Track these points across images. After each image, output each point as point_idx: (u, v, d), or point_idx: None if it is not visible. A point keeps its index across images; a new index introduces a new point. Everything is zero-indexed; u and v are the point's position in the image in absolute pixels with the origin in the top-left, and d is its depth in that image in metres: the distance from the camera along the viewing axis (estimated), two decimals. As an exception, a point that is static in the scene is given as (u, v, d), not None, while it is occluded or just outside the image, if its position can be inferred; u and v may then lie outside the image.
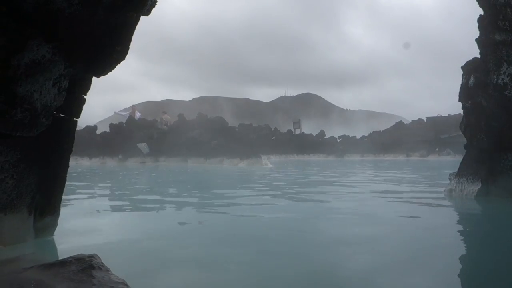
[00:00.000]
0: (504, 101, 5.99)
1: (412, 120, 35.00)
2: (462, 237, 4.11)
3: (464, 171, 6.48)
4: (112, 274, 1.93)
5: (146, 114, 26.62)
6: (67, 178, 3.63)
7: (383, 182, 9.98)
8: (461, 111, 6.92)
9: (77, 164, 17.64)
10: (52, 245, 3.37)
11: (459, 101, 6.71)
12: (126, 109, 29.53)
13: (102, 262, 2.00)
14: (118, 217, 5.14)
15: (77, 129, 3.66)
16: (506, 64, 5.93)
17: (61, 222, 3.62)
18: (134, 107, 24.02)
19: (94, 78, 3.52)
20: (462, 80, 6.62)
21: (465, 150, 6.70)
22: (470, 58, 6.61)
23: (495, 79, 6.01)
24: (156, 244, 3.62)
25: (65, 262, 1.98)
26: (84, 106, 3.56)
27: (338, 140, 32.53)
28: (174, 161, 19.93)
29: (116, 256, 3.04)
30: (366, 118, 55.50)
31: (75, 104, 3.45)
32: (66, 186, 3.65)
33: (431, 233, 4.12)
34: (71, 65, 3.00)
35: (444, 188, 6.96)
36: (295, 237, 3.90)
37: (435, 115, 32.94)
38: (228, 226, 4.49)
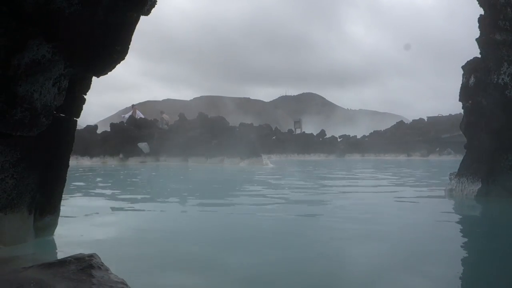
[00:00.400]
0: (504, 101, 5.98)
1: (413, 119, 34.98)
2: (462, 236, 4.11)
3: (464, 171, 6.47)
4: (111, 273, 1.93)
5: (146, 113, 26.57)
6: (68, 177, 3.64)
7: (383, 181, 9.98)
8: (461, 111, 6.91)
9: (77, 163, 17.65)
10: (52, 244, 3.38)
11: (460, 100, 6.70)
12: (126, 109, 29.51)
13: (101, 262, 2.00)
14: (118, 216, 5.15)
15: (77, 128, 3.67)
16: (506, 64, 5.93)
17: (61, 221, 3.62)
18: (135, 107, 23.99)
19: (94, 78, 3.52)
20: (463, 79, 6.61)
21: (465, 150, 6.70)
22: (471, 58, 6.61)
23: (496, 79, 6.01)
24: (155, 243, 3.63)
25: (64, 262, 1.98)
26: (84, 106, 3.57)
27: (339, 139, 32.50)
28: (175, 160, 19.92)
29: (115, 255, 3.05)
30: (367, 118, 55.44)
31: (75, 103, 3.45)
32: (67, 185, 3.66)
33: (431, 232, 4.12)
34: (71, 64, 3.00)
35: (444, 187, 6.95)
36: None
37: (436, 115, 32.92)
38: (228, 226, 4.49)
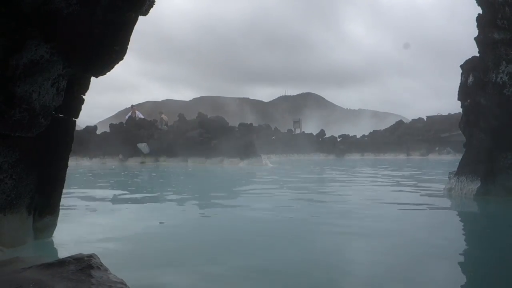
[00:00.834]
0: (503, 99, 5.99)
1: (412, 119, 34.99)
2: (461, 236, 4.12)
3: (463, 170, 6.47)
4: (110, 273, 1.93)
5: (146, 114, 26.56)
6: (67, 178, 3.64)
7: (382, 181, 9.98)
8: (460, 110, 6.91)
9: (77, 164, 17.63)
10: (51, 245, 3.38)
11: (458, 99, 6.70)
12: (127, 109, 29.46)
13: (100, 262, 2.00)
14: (118, 217, 5.14)
15: (77, 129, 3.67)
16: (505, 62, 5.93)
17: (60, 222, 3.62)
18: (134, 108, 23.98)
19: (93, 78, 3.52)
20: (461, 79, 6.61)
21: (464, 149, 6.70)
22: (470, 57, 6.60)
23: (494, 78, 6.01)
24: (155, 244, 3.63)
25: (63, 262, 1.98)
26: (83, 106, 3.57)
27: (338, 139, 32.50)
28: (174, 161, 19.91)
29: (115, 255, 3.05)
30: (366, 117, 55.44)
31: (74, 104, 3.45)
32: (66, 186, 3.65)
33: (430, 232, 4.12)
34: (70, 65, 3.00)
35: (443, 186, 6.96)
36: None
37: (435, 114, 32.93)
38: (228, 226, 4.49)
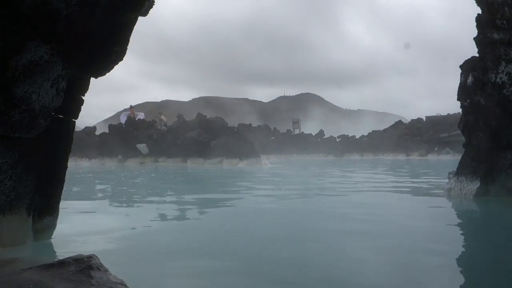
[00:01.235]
0: (502, 99, 5.99)
1: (411, 119, 35.01)
2: (461, 236, 4.12)
3: (463, 170, 6.48)
4: (110, 274, 1.93)
5: (146, 114, 26.53)
6: (67, 179, 3.63)
7: (381, 181, 9.98)
8: (460, 110, 6.91)
9: (76, 165, 17.61)
10: (50, 246, 3.37)
11: (458, 100, 6.70)
12: (125, 110, 29.39)
13: (100, 263, 2.00)
14: (117, 218, 5.14)
15: (76, 130, 3.66)
16: (504, 62, 5.93)
17: (60, 222, 3.61)
18: (132, 108, 23.97)
19: (92, 79, 3.52)
20: (461, 79, 6.61)
21: (464, 149, 6.70)
22: (469, 57, 6.60)
23: (493, 78, 6.01)
24: (154, 244, 3.62)
25: (63, 263, 1.97)
26: (82, 107, 3.56)
27: (338, 139, 32.52)
28: (174, 161, 19.91)
29: (115, 256, 3.05)
30: (365, 118, 55.45)
31: (73, 105, 3.45)
32: (66, 187, 3.65)
33: (430, 232, 4.12)
34: (69, 66, 3.00)
35: (443, 187, 6.96)
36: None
37: (435, 115, 32.95)
38: (228, 227, 4.48)
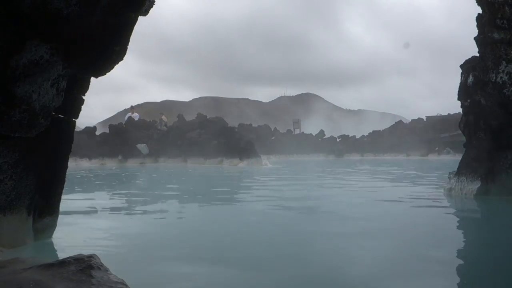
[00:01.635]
0: (503, 99, 5.98)
1: (411, 119, 34.99)
2: (462, 236, 4.12)
3: (463, 170, 6.47)
4: (111, 274, 1.92)
5: (146, 114, 26.56)
6: (67, 179, 3.63)
7: (382, 181, 9.98)
8: (460, 110, 6.91)
9: (76, 165, 17.60)
10: (51, 245, 3.37)
11: (458, 99, 6.70)
12: (126, 110, 29.44)
13: (101, 262, 1.99)
14: (118, 217, 5.14)
15: (76, 130, 3.66)
16: (504, 62, 5.93)
17: (60, 222, 3.61)
18: (134, 108, 23.99)
19: (93, 79, 3.52)
20: (461, 78, 6.61)
21: (464, 149, 6.70)
22: (470, 57, 6.60)
23: (494, 78, 6.01)
24: (155, 244, 3.62)
25: (64, 262, 1.97)
26: (83, 107, 3.56)
27: (338, 139, 32.51)
28: (174, 161, 19.91)
29: (115, 256, 3.04)
30: (366, 118, 55.42)
31: (74, 104, 3.45)
32: (66, 187, 3.65)
33: (430, 232, 4.12)
34: (70, 65, 3.00)
35: (443, 187, 6.95)
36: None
37: (435, 114, 32.94)
38: (229, 228, 4.48)
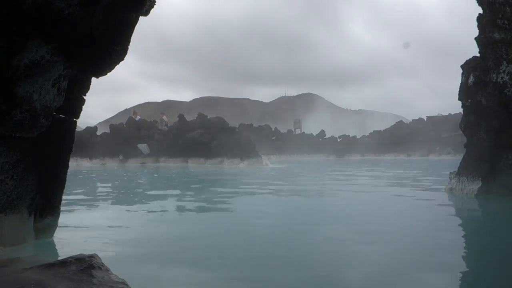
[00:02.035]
0: (503, 99, 5.98)
1: (412, 119, 35.00)
2: (462, 236, 4.11)
3: (464, 170, 6.47)
4: (112, 273, 1.93)
5: (146, 115, 26.57)
6: (68, 179, 3.64)
7: (383, 181, 9.97)
8: (461, 110, 6.91)
9: (77, 165, 17.62)
10: (52, 245, 3.38)
11: (459, 99, 6.70)
12: (126, 110, 29.44)
13: (102, 262, 2.00)
14: (119, 217, 5.14)
15: (77, 130, 3.67)
16: (505, 62, 5.92)
17: (61, 222, 3.62)
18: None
19: (93, 79, 3.52)
20: (462, 79, 6.61)
21: (465, 149, 6.69)
22: (471, 57, 6.60)
23: (495, 78, 6.00)
24: (156, 244, 3.62)
25: (65, 262, 1.98)
26: (83, 107, 3.57)
27: (339, 139, 32.53)
28: (175, 161, 19.93)
29: (116, 256, 3.05)
30: (366, 118, 55.43)
31: (75, 104, 3.45)
32: (67, 187, 3.65)
33: (432, 232, 4.12)
34: (71, 65, 3.00)
35: (444, 187, 6.95)
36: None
37: (436, 115, 32.96)
38: (229, 228, 4.48)
